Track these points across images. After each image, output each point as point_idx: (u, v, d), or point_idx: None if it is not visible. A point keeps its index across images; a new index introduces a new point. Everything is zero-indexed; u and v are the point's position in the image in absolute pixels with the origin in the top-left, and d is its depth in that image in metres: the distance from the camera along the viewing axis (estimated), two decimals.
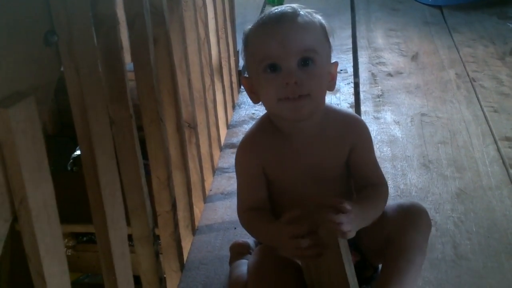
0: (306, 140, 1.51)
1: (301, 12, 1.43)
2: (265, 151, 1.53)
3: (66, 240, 2.74)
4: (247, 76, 1.52)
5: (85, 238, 2.80)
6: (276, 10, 1.43)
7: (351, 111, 1.53)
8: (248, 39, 1.47)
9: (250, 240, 1.80)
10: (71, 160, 2.99)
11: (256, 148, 1.54)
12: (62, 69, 1.15)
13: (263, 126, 1.56)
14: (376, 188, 1.55)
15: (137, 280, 1.56)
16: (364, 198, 1.52)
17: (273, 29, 1.39)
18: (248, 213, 1.56)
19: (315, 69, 1.40)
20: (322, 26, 1.45)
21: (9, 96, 0.95)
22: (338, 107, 1.50)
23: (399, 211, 1.55)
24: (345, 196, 1.54)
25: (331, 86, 1.48)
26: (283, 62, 1.38)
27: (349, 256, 1.35)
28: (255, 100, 1.51)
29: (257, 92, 1.48)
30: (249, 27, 1.48)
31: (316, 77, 1.41)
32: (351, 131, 1.54)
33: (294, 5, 1.44)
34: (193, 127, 2.02)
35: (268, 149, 1.53)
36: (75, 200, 1.75)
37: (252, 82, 1.48)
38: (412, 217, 1.54)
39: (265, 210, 1.56)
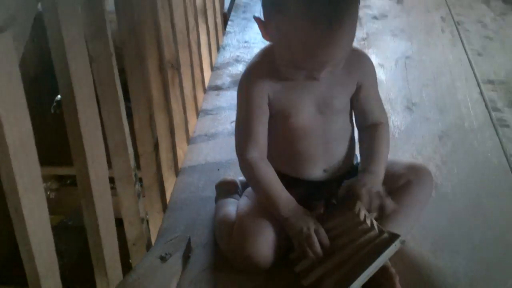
0: None
1: None
2: (272, 79, 1.49)
3: (49, 182, 2.74)
4: (265, 23, 1.41)
5: (69, 181, 2.80)
6: None
7: (357, 47, 1.51)
8: (284, 9, 1.32)
9: (237, 178, 1.80)
10: (55, 103, 2.97)
11: (263, 74, 1.50)
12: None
13: (269, 56, 1.50)
14: (380, 132, 1.59)
15: (119, 223, 1.57)
16: (376, 152, 1.56)
17: (320, 41, 1.30)
18: (255, 163, 1.53)
19: (348, 43, 1.37)
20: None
21: None
22: None
23: (410, 169, 1.59)
24: (347, 132, 1.59)
25: None
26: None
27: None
28: (269, 40, 1.46)
29: (273, 43, 1.45)
30: None
31: (345, 49, 1.37)
32: (358, 67, 1.54)
33: None
34: (176, 67, 2.01)
35: (276, 78, 1.49)
36: (59, 143, 1.73)
37: (271, 35, 1.42)
38: (420, 176, 1.59)
39: (269, 165, 1.54)
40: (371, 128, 1.59)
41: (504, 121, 2.18)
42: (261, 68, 1.51)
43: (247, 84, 1.52)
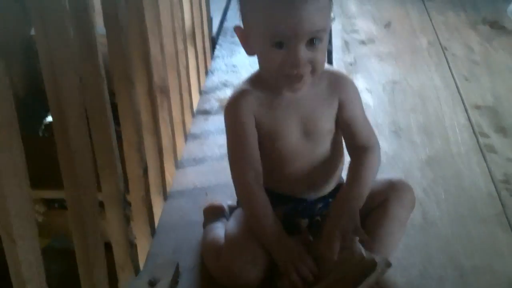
0: (299, 95, 1.52)
1: None
2: (257, 103, 1.52)
3: (37, 206, 2.73)
4: (243, 28, 1.49)
5: (56, 204, 2.79)
6: None
7: (337, 69, 1.55)
8: (255, 1, 1.41)
9: (225, 203, 1.80)
10: (43, 126, 2.97)
11: (248, 99, 1.53)
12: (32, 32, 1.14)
13: (254, 80, 1.55)
14: (368, 157, 1.58)
15: (108, 247, 1.57)
16: (359, 178, 1.54)
17: (286, 7, 1.34)
18: (250, 187, 1.53)
19: (321, 46, 1.40)
20: None
21: None
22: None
23: (387, 186, 1.60)
24: (334, 154, 1.60)
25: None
26: (293, 43, 1.37)
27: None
28: (250, 53, 1.50)
29: (253, 48, 1.47)
30: None
31: (321, 54, 1.41)
32: (338, 87, 1.56)
33: None
34: (165, 91, 2.01)
35: (260, 101, 1.52)
36: (47, 166, 1.73)
37: (248, 38, 1.47)
38: (398, 192, 1.59)
39: (264, 193, 1.54)
40: (360, 152, 1.59)
41: (492, 146, 2.19)
42: (246, 93, 1.54)
43: (233, 108, 1.54)
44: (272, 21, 1.37)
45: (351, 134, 1.59)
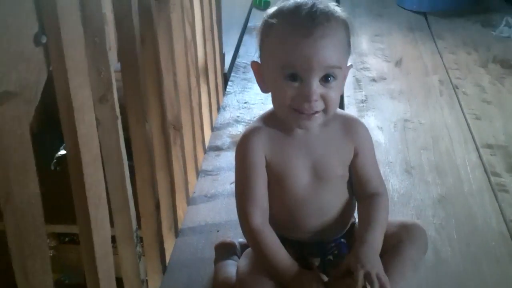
0: (311, 136, 1.51)
1: (334, 14, 1.38)
2: (269, 142, 1.50)
3: (48, 240, 2.73)
4: (260, 63, 1.48)
5: (67, 239, 2.79)
6: (308, 8, 1.37)
7: (352, 114, 1.54)
8: (272, 32, 1.41)
9: (236, 240, 1.80)
10: (55, 160, 2.98)
11: (260, 138, 1.51)
12: (50, 68, 1.15)
13: (267, 119, 1.54)
14: (379, 202, 1.56)
15: (119, 282, 1.56)
16: (375, 226, 1.52)
17: (303, 39, 1.34)
18: (259, 230, 1.50)
19: (335, 84, 1.39)
20: (347, 32, 1.42)
21: None
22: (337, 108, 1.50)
23: (401, 228, 1.59)
24: (347, 199, 1.58)
25: (341, 89, 1.47)
26: (307, 76, 1.36)
27: None
28: (265, 90, 1.49)
29: (268, 83, 1.46)
30: (274, 13, 1.42)
31: (334, 92, 1.40)
32: (354, 132, 1.54)
33: (323, 2, 1.39)
34: (178, 128, 2.02)
35: (272, 140, 1.51)
36: (58, 200, 1.74)
37: (264, 72, 1.46)
38: (412, 235, 1.58)
39: (272, 231, 1.52)
40: (370, 198, 1.57)
41: (503, 186, 2.19)
42: (258, 132, 1.52)
43: (244, 147, 1.53)
44: (286, 51, 1.36)
45: (362, 181, 1.57)
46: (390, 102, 2.90)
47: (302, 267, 1.51)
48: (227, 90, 3.10)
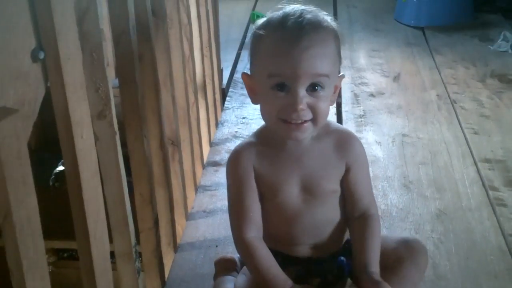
0: (303, 150, 1.49)
1: (321, 24, 1.39)
2: (259, 156, 1.50)
3: (47, 256, 2.73)
4: (250, 74, 1.48)
5: (65, 254, 2.78)
6: (295, 18, 1.37)
7: (346, 127, 1.53)
8: (260, 43, 1.41)
9: (236, 256, 1.79)
10: (53, 176, 2.98)
11: (250, 152, 1.50)
12: (48, 84, 1.15)
13: (259, 134, 1.54)
14: (372, 223, 1.53)
15: None
16: (372, 250, 1.50)
17: (289, 48, 1.34)
18: (252, 245, 1.49)
19: (323, 93, 1.38)
20: (337, 41, 1.42)
21: None
22: (334, 122, 1.49)
23: (401, 244, 1.57)
24: (339, 214, 1.55)
25: (333, 100, 1.46)
26: (293, 85, 1.35)
27: None
28: (255, 101, 1.48)
29: (257, 94, 1.46)
30: (262, 24, 1.42)
31: (322, 102, 1.39)
32: (347, 148, 1.52)
33: (311, 12, 1.40)
34: (176, 144, 2.03)
35: (262, 154, 1.50)
36: (57, 216, 1.74)
37: (254, 84, 1.46)
38: (413, 251, 1.56)
39: (265, 246, 1.50)
40: (361, 219, 1.54)
41: (502, 200, 2.19)
42: (247, 147, 1.52)
43: (233, 162, 1.52)
44: (273, 60, 1.37)
45: (353, 198, 1.54)
46: (388, 117, 2.91)
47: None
48: (225, 105, 3.10)
